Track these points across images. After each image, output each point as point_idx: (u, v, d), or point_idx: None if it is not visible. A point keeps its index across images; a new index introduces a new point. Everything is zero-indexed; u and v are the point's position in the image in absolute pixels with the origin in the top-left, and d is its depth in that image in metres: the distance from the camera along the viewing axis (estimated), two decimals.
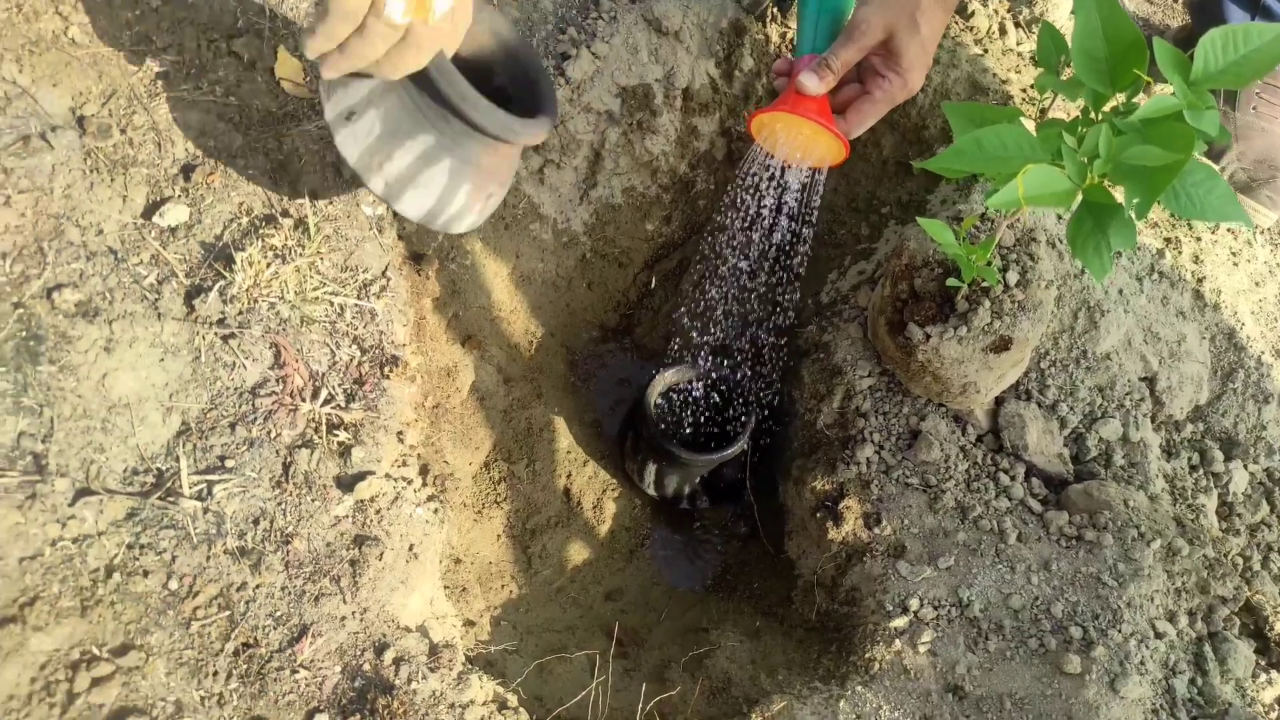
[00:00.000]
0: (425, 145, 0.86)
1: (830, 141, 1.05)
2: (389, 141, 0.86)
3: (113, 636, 0.85)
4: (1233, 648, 1.10)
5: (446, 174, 0.89)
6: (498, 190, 0.98)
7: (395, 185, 0.89)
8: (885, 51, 1.02)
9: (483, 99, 0.84)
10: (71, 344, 0.91)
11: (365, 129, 0.86)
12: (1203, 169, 0.82)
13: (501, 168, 0.96)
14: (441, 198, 0.91)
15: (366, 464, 1.01)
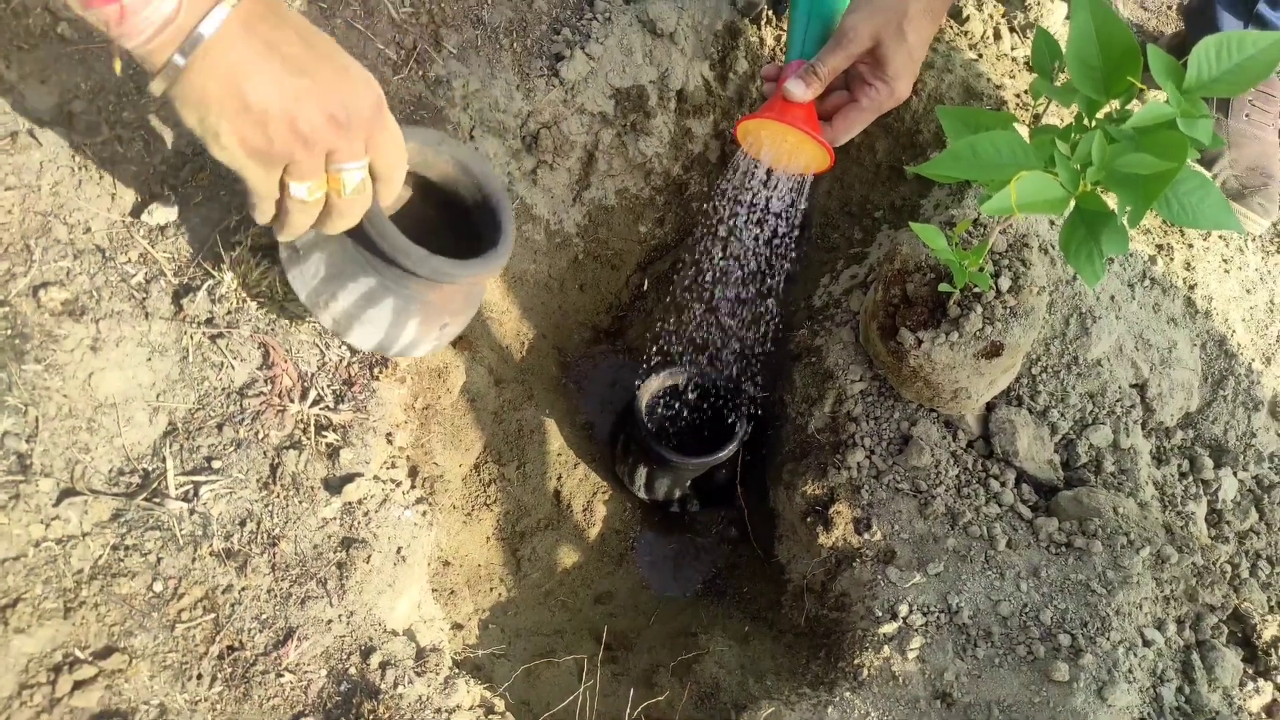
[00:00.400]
0: (367, 286, 0.90)
1: (815, 149, 1.05)
2: (333, 283, 0.89)
3: (96, 639, 0.84)
4: (1220, 656, 1.10)
5: (390, 312, 0.92)
6: (454, 320, 0.99)
7: (342, 322, 0.92)
8: (872, 60, 1.02)
9: (415, 249, 0.85)
10: (58, 343, 0.90)
11: (311, 270, 0.89)
12: (1196, 177, 0.82)
13: (454, 299, 0.97)
14: (389, 333, 0.94)
15: (355, 466, 1.01)
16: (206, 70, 0.68)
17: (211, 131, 0.71)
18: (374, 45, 1.20)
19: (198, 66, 0.68)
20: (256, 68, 0.69)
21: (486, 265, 0.92)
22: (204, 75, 0.68)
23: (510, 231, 0.96)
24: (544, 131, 1.37)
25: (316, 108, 0.71)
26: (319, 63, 0.72)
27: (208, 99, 0.69)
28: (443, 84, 1.24)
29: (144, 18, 0.65)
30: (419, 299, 0.93)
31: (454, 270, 0.89)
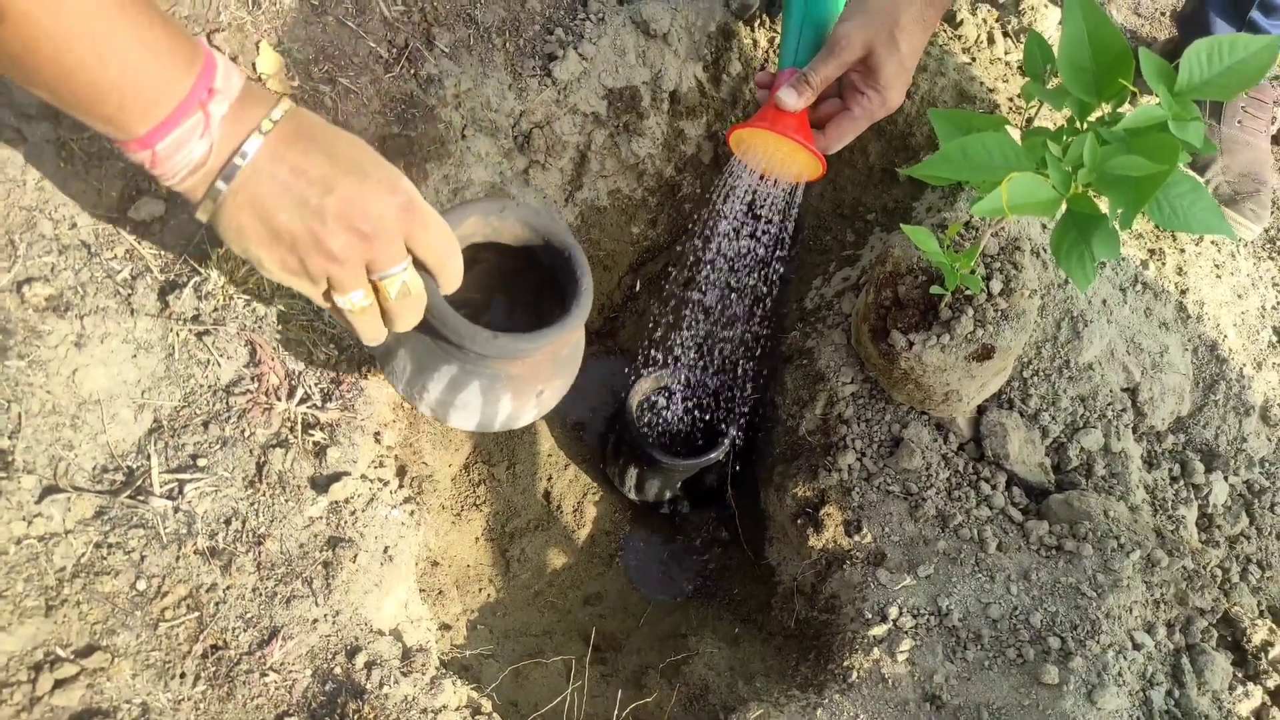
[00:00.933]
0: (450, 374, 0.91)
1: (808, 158, 1.05)
2: (421, 375, 0.91)
3: (78, 637, 0.83)
4: (1210, 660, 1.10)
5: (479, 394, 0.93)
6: (549, 384, 0.98)
7: (439, 410, 0.94)
8: (865, 68, 1.02)
9: (480, 332, 0.86)
10: (41, 339, 0.89)
11: (400, 366, 0.92)
12: (1187, 180, 0.82)
13: (541, 367, 0.96)
14: (485, 413, 0.94)
15: (342, 464, 1.00)
16: (238, 206, 0.72)
17: (254, 258, 0.76)
18: (365, 43, 1.20)
19: (230, 203, 0.72)
20: (281, 199, 0.72)
21: (559, 332, 0.90)
22: (236, 210, 0.72)
23: (587, 288, 0.93)
24: (536, 131, 1.37)
25: (340, 226, 0.74)
26: (342, 178, 0.74)
27: (244, 231, 0.74)
28: (435, 83, 1.24)
29: (175, 162, 0.70)
30: (502, 376, 0.93)
31: (524, 345, 0.89)
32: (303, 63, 1.13)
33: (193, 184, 0.72)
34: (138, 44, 0.66)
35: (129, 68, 0.65)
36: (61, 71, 0.65)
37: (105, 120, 0.68)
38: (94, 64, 0.65)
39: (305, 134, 0.74)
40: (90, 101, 0.67)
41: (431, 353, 0.90)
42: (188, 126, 0.69)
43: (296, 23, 1.14)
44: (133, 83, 0.66)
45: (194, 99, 0.69)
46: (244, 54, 1.10)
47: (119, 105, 0.67)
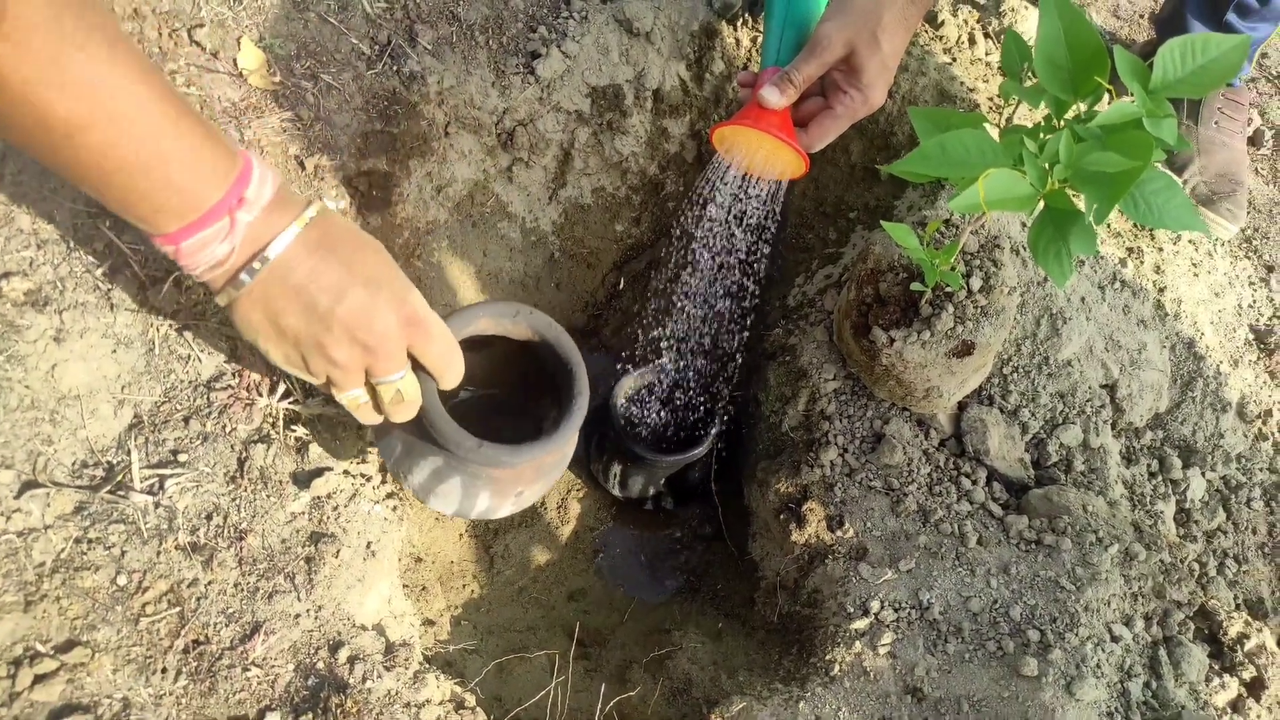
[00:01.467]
0: (436, 465, 0.95)
1: (791, 156, 1.06)
2: (408, 459, 0.95)
3: (58, 632, 0.83)
4: (1187, 652, 1.12)
5: (460, 488, 0.97)
6: (530, 487, 1.02)
7: (420, 492, 0.97)
8: (847, 68, 1.03)
9: (466, 440, 0.89)
10: (20, 334, 0.89)
11: (391, 445, 0.96)
12: (1162, 178, 0.83)
13: (524, 474, 0.99)
14: (463, 504, 0.98)
15: (324, 460, 1.00)
16: (251, 303, 0.77)
17: (262, 349, 0.81)
18: (348, 40, 1.20)
19: (244, 299, 0.77)
20: (292, 302, 0.77)
21: (544, 449, 0.94)
22: (250, 306, 0.77)
23: (580, 408, 0.97)
24: (520, 129, 1.37)
25: (344, 336, 0.78)
26: (352, 289, 0.77)
27: (254, 325, 0.79)
28: (417, 80, 1.24)
29: (198, 259, 0.74)
30: (484, 477, 0.97)
31: (506, 457, 0.92)
32: (284, 59, 1.13)
33: (213, 277, 0.77)
34: (181, 157, 0.69)
35: (170, 181, 0.70)
36: (103, 175, 0.68)
37: (136, 219, 0.72)
38: (137, 173, 0.68)
39: (327, 241, 0.77)
40: (125, 203, 0.71)
41: (422, 441, 0.94)
42: (213, 230, 0.73)
43: (278, 19, 1.14)
44: (170, 193, 0.70)
45: (223, 207, 0.73)
46: (225, 49, 1.09)
47: (153, 209, 0.71)
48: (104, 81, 0.65)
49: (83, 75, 0.64)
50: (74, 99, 0.64)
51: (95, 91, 0.65)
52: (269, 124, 1.09)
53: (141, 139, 0.67)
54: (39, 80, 0.62)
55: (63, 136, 0.65)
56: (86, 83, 0.64)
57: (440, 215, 1.34)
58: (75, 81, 0.64)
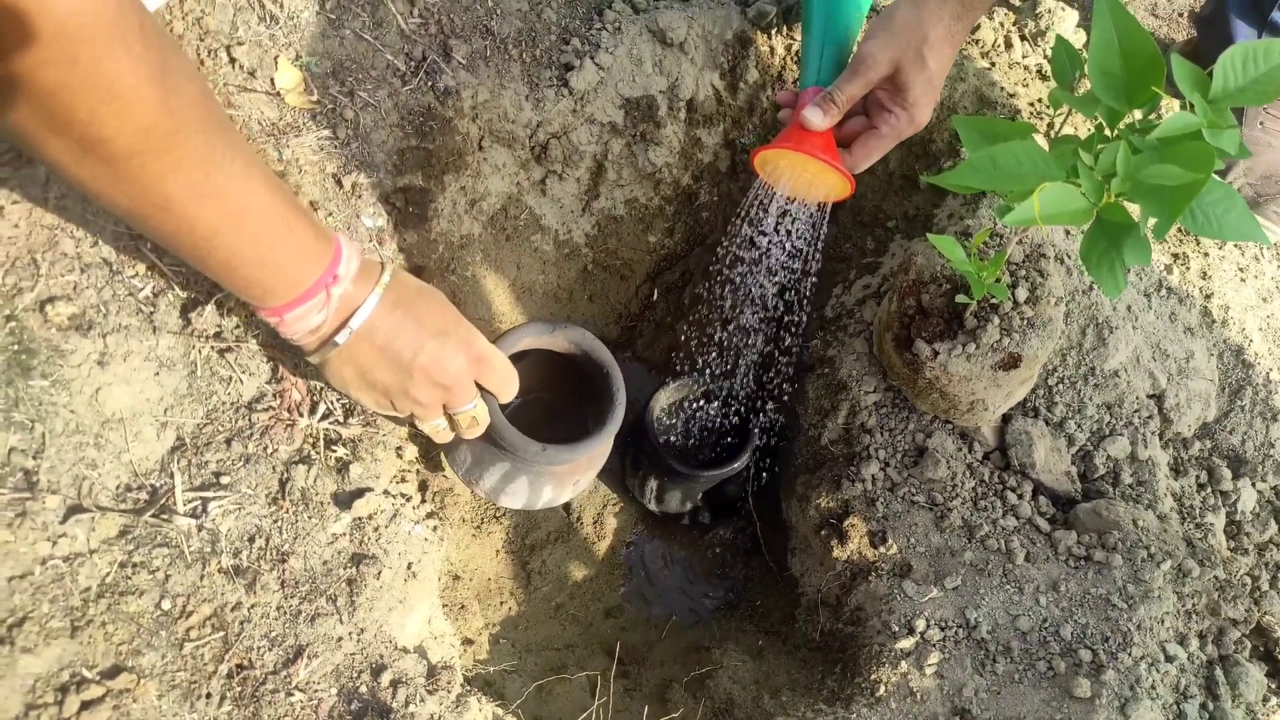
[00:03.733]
0: (503, 470, 1.10)
1: (835, 178, 1.04)
2: (478, 467, 1.10)
3: (103, 658, 0.83)
4: (1244, 671, 1.09)
5: (526, 486, 1.12)
6: (584, 476, 1.18)
7: (491, 494, 1.13)
8: (892, 86, 1.01)
9: (530, 445, 1.05)
10: (64, 358, 0.89)
11: (461, 458, 1.11)
12: (1221, 188, 0.81)
13: (579, 466, 1.15)
14: (529, 498, 1.14)
15: (364, 480, 0.99)
16: (342, 361, 0.89)
17: (354, 398, 0.94)
18: (383, 56, 1.19)
19: (336, 359, 0.88)
20: (379, 359, 0.89)
21: (595, 445, 1.11)
22: (341, 364, 0.89)
23: (620, 403, 1.14)
24: (553, 142, 1.36)
25: (425, 381, 0.91)
26: (427, 341, 0.90)
27: (346, 379, 0.91)
28: (452, 95, 1.23)
29: (297, 327, 0.85)
30: (546, 473, 1.12)
31: (565, 455, 1.08)
32: (321, 77, 1.13)
33: (308, 342, 0.88)
34: (291, 250, 0.80)
35: (281, 270, 0.81)
36: (229, 268, 0.78)
37: (248, 298, 0.82)
38: (256, 265, 0.79)
39: (401, 301, 0.89)
40: (239, 287, 0.81)
41: (489, 450, 1.08)
42: (313, 303, 0.84)
43: (314, 37, 1.14)
44: (280, 279, 0.81)
45: (320, 284, 0.83)
46: (263, 68, 1.09)
47: (265, 291, 0.81)
48: (239, 193, 0.75)
49: (225, 188, 0.73)
50: (214, 208, 0.73)
51: (232, 202, 0.74)
52: (306, 143, 1.09)
53: (264, 240, 0.78)
54: (190, 192, 0.71)
55: (201, 239, 0.75)
56: (226, 194, 0.74)
57: (474, 229, 1.34)
58: (216, 193, 0.73)
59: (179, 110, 0.68)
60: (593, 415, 1.15)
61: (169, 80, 0.67)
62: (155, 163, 0.68)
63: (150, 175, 0.69)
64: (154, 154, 0.68)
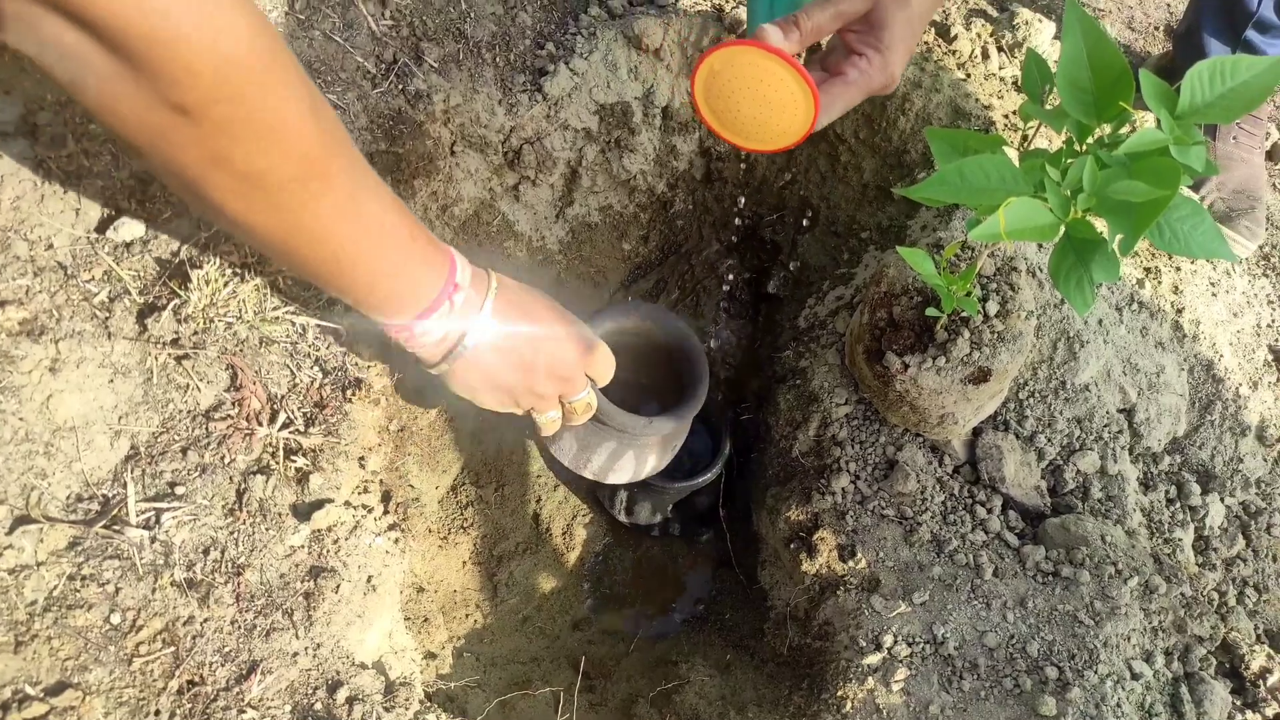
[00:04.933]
0: (611, 448, 1.20)
1: (797, 101, 0.82)
2: (585, 451, 1.20)
3: (48, 674, 0.81)
4: (1209, 689, 1.08)
5: (633, 459, 1.22)
6: (678, 438, 1.29)
7: (600, 473, 1.22)
8: (865, 24, 0.87)
9: (635, 421, 1.15)
10: (14, 364, 0.86)
11: (567, 445, 1.20)
12: (1188, 204, 0.80)
13: (673, 435, 1.26)
14: (635, 470, 1.24)
15: (325, 491, 0.97)
16: (466, 367, 0.92)
17: (478, 401, 0.98)
18: (353, 58, 1.18)
19: (460, 366, 0.92)
20: (502, 361, 0.93)
21: (689, 412, 1.23)
22: (465, 370, 0.93)
23: (703, 374, 1.24)
24: (527, 147, 1.35)
25: (546, 376, 0.97)
26: (543, 340, 0.96)
27: (473, 385, 0.95)
28: (423, 98, 1.22)
29: (424, 339, 0.89)
30: (648, 445, 1.23)
31: (666, 424, 1.19)
32: None
33: (434, 353, 0.91)
34: (417, 264, 0.84)
35: (413, 282, 0.85)
36: (369, 288, 0.82)
37: (379, 314, 0.86)
38: (390, 279, 0.83)
39: (511, 304, 0.93)
40: (373, 304, 0.84)
41: (594, 433, 1.18)
42: (439, 314, 0.87)
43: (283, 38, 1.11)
44: (410, 292, 0.85)
45: (443, 294, 0.87)
46: None
47: (398, 306, 0.85)
48: (376, 210, 0.79)
49: (365, 207, 0.78)
50: (358, 228, 0.77)
51: (371, 219, 0.78)
52: None
53: (399, 254, 0.82)
54: (337, 213, 0.75)
55: (348, 259, 0.79)
56: (367, 214, 0.78)
57: (445, 235, 1.32)
58: (360, 213, 0.77)
59: (327, 135, 0.72)
60: (672, 385, 1.26)
61: (317, 108, 0.71)
62: (310, 188, 0.72)
63: (305, 200, 0.72)
64: (309, 180, 0.71)
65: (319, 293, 1.05)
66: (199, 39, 0.59)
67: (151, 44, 0.58)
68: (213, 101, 0.62)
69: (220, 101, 0.63)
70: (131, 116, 0.62)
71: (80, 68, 0.59)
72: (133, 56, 0.58)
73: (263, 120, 0.66)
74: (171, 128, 0.63)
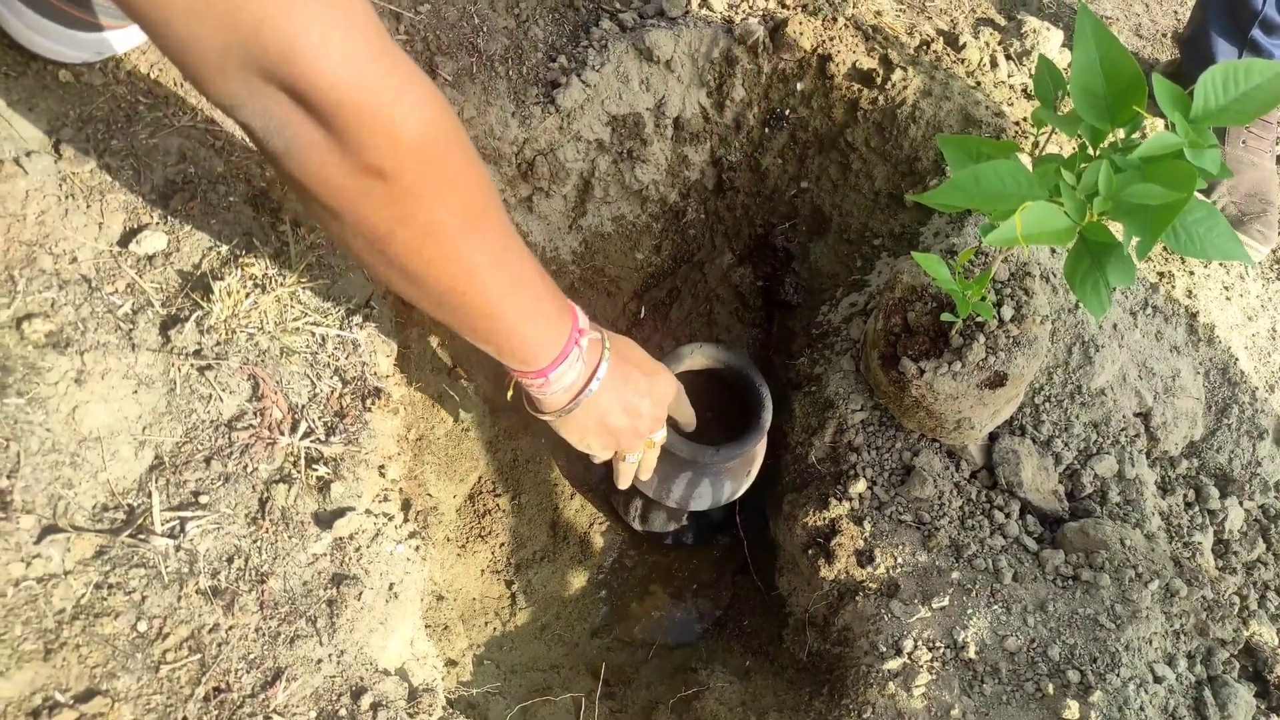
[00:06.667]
0: (688, 479, 1.31)
1: None
2: (666, 482, 1.31)
3: (77, 681, 0.81)
4: (1233, 692, 1.08)
5: (709, 487, 1.33)
6: (754, 465, 1.38)
7: (681, 502, 1.33)
8: None
9: (707, 451, 1.26)
10: (41, 376, 0.88)
11: (648, 482, 1.31)
12: (1203, 207, 0.81)
13: (749, 458, 1.35)
14: (714, 497, 1.34)
15: (346, 500, 0.98)
16: (584, 411, 0.98)
17: (586, 443, 1.05)
18: None
19: (583, 411, 0.98)
20: (614, 405, 1.00)
21: (754, 440, 1.31)
22: (584, 414, 0.99)
23: (767, 401, 1.33)
24: (540, 159, 1.36)
25: (649, 416, 1.05)
26: (648, 385, 1.04)
27: (586, 429, 1.01)
28: None
29: (557, 386, 0.95)
30: (723, 471, 1.32)
31: (736, 451, 1.29)
32: None
33: (562, 400, 0.96)
34: (552, 311, 0.89)
35: (548, 324, 0.90)
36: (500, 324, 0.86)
37: (515, 359, 0.90)
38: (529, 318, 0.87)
39: (619, 352, 1.00)
40: (516, 355, 0.89)
41: (673, 466, 1.29)
42: (570, 359, 0.93)
43: None
44: (545, 335, 0.90)
45: (571, 341, 0.92)
46: None
47: (536, 354, 0.90)
48: (518, 259, 0.84)
49: (511, 256, 0.83)
50: (505, 276, 0.82)
51: (514, 267, 0.83)
52: None
53: (537, 301, 0.87)
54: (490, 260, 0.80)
55: (496, 307, 0.83)
56: (511, 262, 0.83)
57: None
58: (507, 261, 0.82)
59: (489, 188, 0.79)
60: (739, 414, 1.35)
61: (479, 164, 0.78)
62: (475, 237, 0.78)
63: (471, 249, 0.78)
64: (474, 230, 0.78)
65: (338, 303, 1.06)
66: (398, 112, 0.67)
67: (360, 116, 0.65)
68: (406, 165, 0.69)
69: (412, 165, 0.70)
70: (335, 182, 0.69)
71: (294, 138, 0.67)
72: (342, 128, 0.66)
73: (443, 178, 0.73)
74: (367, 191, 0.70)
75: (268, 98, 0.64)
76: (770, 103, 1.52)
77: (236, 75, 0.63)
